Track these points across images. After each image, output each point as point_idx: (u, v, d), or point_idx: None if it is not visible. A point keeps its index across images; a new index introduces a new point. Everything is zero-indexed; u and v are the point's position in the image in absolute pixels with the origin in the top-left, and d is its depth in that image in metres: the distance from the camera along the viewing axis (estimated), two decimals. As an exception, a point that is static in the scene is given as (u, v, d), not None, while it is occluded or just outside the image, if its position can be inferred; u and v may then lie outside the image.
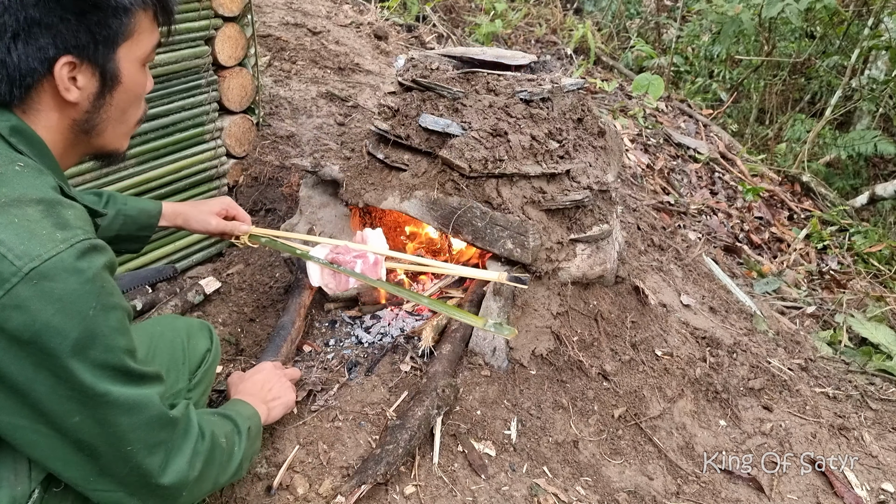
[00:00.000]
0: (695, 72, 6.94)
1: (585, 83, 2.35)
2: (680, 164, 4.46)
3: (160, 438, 0.98)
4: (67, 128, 0.99)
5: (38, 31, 0.89)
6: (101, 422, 0.90)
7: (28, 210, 0.84)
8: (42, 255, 0.81)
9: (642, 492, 1.84)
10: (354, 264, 1.65)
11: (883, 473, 2.14)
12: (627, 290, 2.34)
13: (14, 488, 0.99)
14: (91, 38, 0.93)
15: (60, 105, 0.96)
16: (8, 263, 0.79)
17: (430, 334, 2.03)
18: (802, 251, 4.08)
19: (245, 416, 1.25)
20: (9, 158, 0.88)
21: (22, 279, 0.79)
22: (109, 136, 1.05)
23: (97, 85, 0.98)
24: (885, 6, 5.39)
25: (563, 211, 2.11)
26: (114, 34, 0.95)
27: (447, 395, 1.79)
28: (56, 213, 0.86)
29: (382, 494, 1.60)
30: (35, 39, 0.89)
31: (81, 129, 1.01)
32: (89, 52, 0.94)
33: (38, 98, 0.94)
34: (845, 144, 5.60)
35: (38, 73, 0.91)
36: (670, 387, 2.17)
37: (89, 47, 0.94)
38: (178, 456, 1.01)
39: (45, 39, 0.90)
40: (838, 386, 2.51)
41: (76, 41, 0.92)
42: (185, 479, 1.02)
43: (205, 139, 2.49)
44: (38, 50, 0.90)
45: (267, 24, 4.09)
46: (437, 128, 2.04)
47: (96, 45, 0.94)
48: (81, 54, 0.93)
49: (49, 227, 0.84)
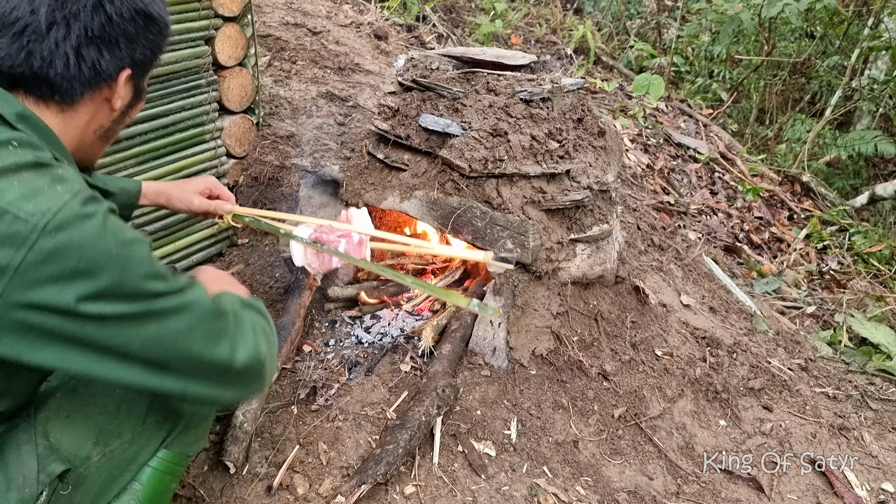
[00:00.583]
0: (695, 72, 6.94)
1: (585, 83, 2.35)
2: (680, 164, 4.46)
3: (218, 328, 1.00)
4: (92, 132, 1.07)
5: (124, 43, 1.00)
6: (158, 339, 0.93)
7: (24, 174, 0.87)
8: (52, 208, 0.84)
9: (642, 492, 1.84)
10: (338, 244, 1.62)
11: (883, 473, 2.13)
12: (627, 290, 2.34)
13: (22, 490, 1.01)
14: (150, 57, 1.06)
15: (98, 110, 1.04)
16: (22, 223, 0.82)
17: (430, 334, 2.03)
18: (802, 251, 4.08)
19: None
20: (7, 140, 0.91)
21: (41, 234, 0.82)
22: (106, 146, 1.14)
23: (131, 98, 1.08)
24: (885, 6, 5.39)
25: (563, 211, 2.11)
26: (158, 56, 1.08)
27: (447, 395, 1.79)
28: (51, 172, 0.90)
29: (382, 494, 1.60)
30: (120, 49, 1.00)
31: (102, 136, 1.10)
32: (142, 68, 1.06)
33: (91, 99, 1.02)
34: (845, 144, 5.59)
35: (110, 78, 1.01)
36: (670, 387, 2.17)
37: (144, 65, 1.05)
38: (241, 336, 1.04)
39: (126, 51, 1.01)
40: (838, 386, 2.51)
41: (143, 57, 1.04)
42: (257, 353, 1.05)
43: (205, 139, 2.49)
44: (119, 59, 1.01)
45: (267, 24, 4.09)
46: (437, 128, 2.04)
47: (147, 63, 1.06)
48: (136, 69, 1.04)
49: (49, 184, 0.87)
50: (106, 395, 1.17)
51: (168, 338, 0.94)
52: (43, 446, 1.07)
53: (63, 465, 1.07)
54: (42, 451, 1.06)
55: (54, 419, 1.11)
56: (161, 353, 0.94)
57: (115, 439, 1.17)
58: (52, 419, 1.10)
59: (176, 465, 1.31)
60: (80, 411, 1.14)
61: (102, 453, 1.15)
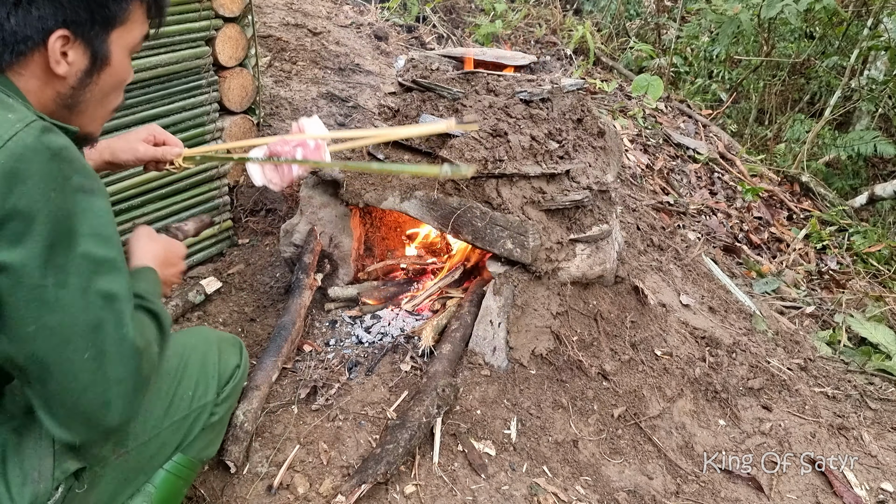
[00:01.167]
0: (694, 72, 6.94)
1: (585, 83, 2.35)
2: (679, 164, 4.47)
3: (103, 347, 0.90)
4: (50, 99, 1.00)
5: (39, 2, 0.91)
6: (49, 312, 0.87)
7: None
8: (2, 135, 0.81)
9: (642, 491, 1.84)
10: (295, 153, 1.58)
11: (882, 473, 2.14)
12: (627, 290, 2.35)
13: (37, 485, 1.00)
14: (89, 17, 0.95)
15: (47, 76, 0.97)
16: None
17: (430, 334, 2.04)
18: (802, 251, 4.08)
19: (153, 292, 1.13)
20: None
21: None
22: (88, 118, 1.07)
23: (86, 63, 0.99)
24: (885, 6, 5.40)
25: (563, 211, 2.11)
26: (111, 17, 0.98)
27: (447, 395, 1.79)
28: (4, 104, 0.88)
29: (382, 494, 1.60)
30: (36, 9, 0.91)
31: (64, 104, 1.02)
32: (85, 30, 0.96)
33: (25, 65, 0.95)
34: (845, 145, 5.60)
35: (32, 42, 0.93)
36: (670, 386, 2.17)
37: (86, 25, 0.95)
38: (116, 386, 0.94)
39: (45, 10, 0.92)
40: (837, 386, 2.52)
41: (75, 17, 0.94)
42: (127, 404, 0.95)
43: (205, 140, 2.50)
44: (38, 20, 0.91)
45: (267, 25, 4.09)
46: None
47: (93, 24, 0.96)
48: (77, 31, 0.95)
49: (1, 113, 0.84)
50: None
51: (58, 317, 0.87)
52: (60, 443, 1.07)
53: (78, 462, 1.07)
54: (59, 446, 1.06)
55: None
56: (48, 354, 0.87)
57: (132, 440, 1.18)
58: None
59: (189, 469, 1.32)
60: None
61: (119, 453, 1.16)
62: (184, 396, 1.27)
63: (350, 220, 2.32)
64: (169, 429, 1.25)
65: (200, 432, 1.31)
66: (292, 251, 2.31)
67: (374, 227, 2.52)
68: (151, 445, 1.23)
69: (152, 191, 2.35)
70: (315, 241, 2.26)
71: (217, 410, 1.34)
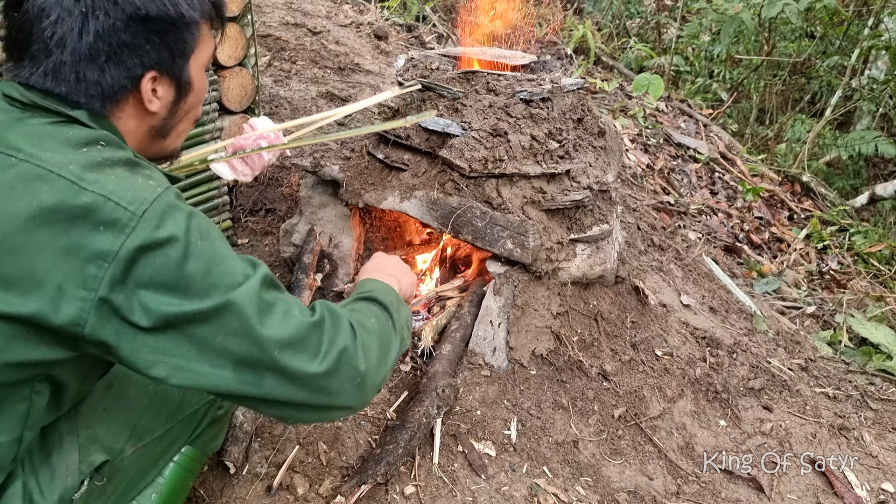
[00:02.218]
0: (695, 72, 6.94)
1: (585, 83, 2.35)
2: (680, 164, 4.46)
3: (311, 342, 0.97)
4: (145, 133, 1.06)
5: (127, 53, 0.97)
6: (242, 334, 0.92)
7: (118, 169, 0.91)
8: (148, 198, 0.88)
9: (642, 492, 1.84)
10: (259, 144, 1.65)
11: (883, 473, 2.13)
12: (627, 290, 2.34)
13: (65, 480, 1.05)
14: (170, 54, 1.01)
15: (141, 114, 1.03)
16: (123, 210, 0.86)
17: (430, 334, 2.03)
18: (802, 251, 4.08)
19: (380, 289, 1.22)
20: (93, 138, 0.94)
21: (139, 221, 0.86)
22: (174, 137, 1.13)
23: (174, 94, 1.05)
24: (885, 6, 5.39)
25: (563, 211, 2.11)
26: (189, 47, 1.04)
27: (447, 395, 1.79)
28: (140, 171, 0.94)
29: (382, 494, 1.60)
30: (125, 60, 0.97)
31: (158, 134, 1.08)
32: (169, 66, 1.02)
33: (122, 109, 1.01)
34: (846, 145, 5.59)
35: (127, 90, 0.99)
36: (670, 387, 2.17)
37: (169, 62, 1.02)
38: (330, 337, 1.00)
39: (133, 60, 0.98)
40: (838, 386, 2.51)
41: (158, 58, 1.00)
42: (359, 375, 1.01)
43: (204, 139, 2.49)
44: (127, 70, 0.98)
45: (267, 24, 4.09)
46: (437, 128, 2.04)
47: (174, 59, 1.02)
48: (162, 69, 1.01)
49: (142, 179, 0.92)
50: (139, 390, 1.21)
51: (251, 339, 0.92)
52: (84, 437, 1.10)
53: (104, 455, 1.11)
54: (83, 441, 1.10)
55: (93, 412, 1.14)
56: (245, 356, 0.93)
57: (148, 434, 1.22)
58: (91, 412, 1.14)
59: (196, 462, 1.37)
60: (115, 406, 1.18)
61: (135, 447, 1.20)
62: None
63: (350, 220, 2.32)
64: (181, 423, 1.28)
65: (209, 425, 1.35)
66: (292, 251, 2.30)
67: (374, 227, 2.51)
68: (165, 439, 1.26)
69: (152, 190, 2.35)
70: (315, 241, 2.26)
71: (224, 403, 1.36)
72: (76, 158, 0.89)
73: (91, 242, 0.85)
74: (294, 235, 2.30)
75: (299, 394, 0.96)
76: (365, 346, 1.03)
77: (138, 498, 1.26)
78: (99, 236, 0.85)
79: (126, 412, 1.18)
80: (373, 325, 1.09)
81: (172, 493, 1.31)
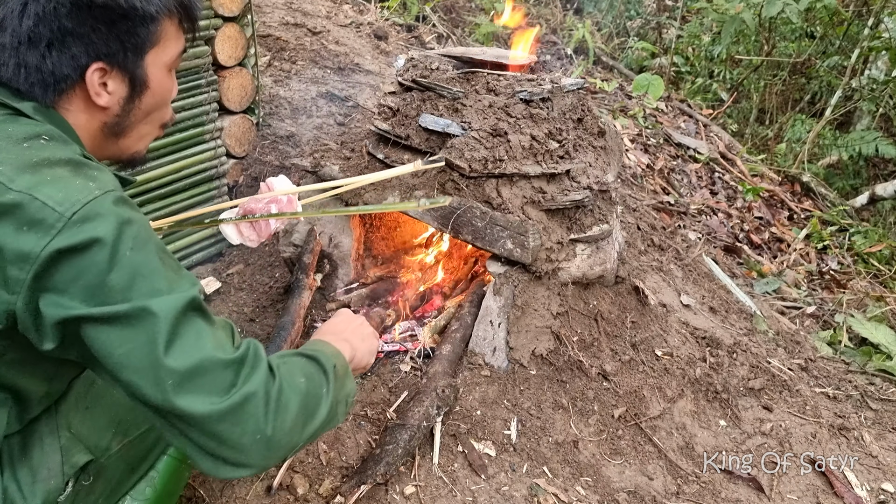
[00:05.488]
0: (695, 72, 6.94)
1: (585, 83, 2.35)
2: (680, 164, 4.46)
3: (215, 380, 0.87)
4: (97, 129, 1.02)
5: (70, 41, 0.93)
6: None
7: (58, 169, 0.87)
8: (81, 200, 0.83)
9: (642, 492, 1.84)
10: (269, 209, 1.61)
11: (883, 473, 2.13)
12: (627, 290, 2.34)
13: (48, 482, 1.03)
14: (120, 46, 0.96)
15: (91, 108, 0.99)
16: (50, 210, 0.82)
17: (430, 334, 2.03)
18: (802, 251, 4.08)
19: (327, 353, 1.10)
20: (35, 133, 0.91)
21: (66, 223, 0.82)
22: (135, 138, 1.09)
23: (126, 90, 1.01)
24: (885, 6, 5.39)
25: (563, 211, 2.11)
26: (142, 42, 0.99)
27: (447, 395, 1.79)
28: (84, 171, 0.89)
29: (382, 494, 1.60)
30: (68, 48, 0.93)
31: (111, 132, 1.04)
32: (119, 59, 0.97)
33: (68, 100, 0.98)
34: (846, 145, 5.59)
35: (71, 79, 0.95)
36: (670, 387, 2.17)
37: (119, 55, 0.97)
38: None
39: (77, 48, 0.94)
40: (838, 386, 2.51)
41: (107, 49, 0.95)
42: (261, 431, 0.89)
43: (205, 139, 2.49)
44: (71, 58, 0.94)
45: (267, 24, 4.09)
46: (437, 128, 2.04)
47: (125, 52, 0.97)
48: (112, 61, 0.97)
49: (82, 180, 0.87)
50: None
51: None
52: (66, 438, 1.08)
53: (87, 455, 1.10)
54: (65, 442, 1.08)
55: (75, 411, 1.12)
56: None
57: (134, 429, 1.20)
58: (73, 410, 1.12)
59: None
60: (98, 402, 1.16)
61: (122, 443, 1.18)
62: None
63: (350, 220, 2.32)
64: None
65: None
66: (292, 251, 2.30)
67: (374, 226, 2.51)
68: (153, 433, 1.24)
69: (152, 190, 2.35)
70: (314, 241, 2.26)
71: None
72: (10, 157, 0.86)
73: (13, 243, 0.81)
74: (294, 235, 2.30)
75: (191, 433, 0.86)
76: (280, 403, 0.91)
77: (132, 493, 1.24)
78: (22, 237, 0.81)
79: (109, 409, 1.16)
80: (300, 384, 0.96)
81: (167, 486, 1.29)
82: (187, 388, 0.84)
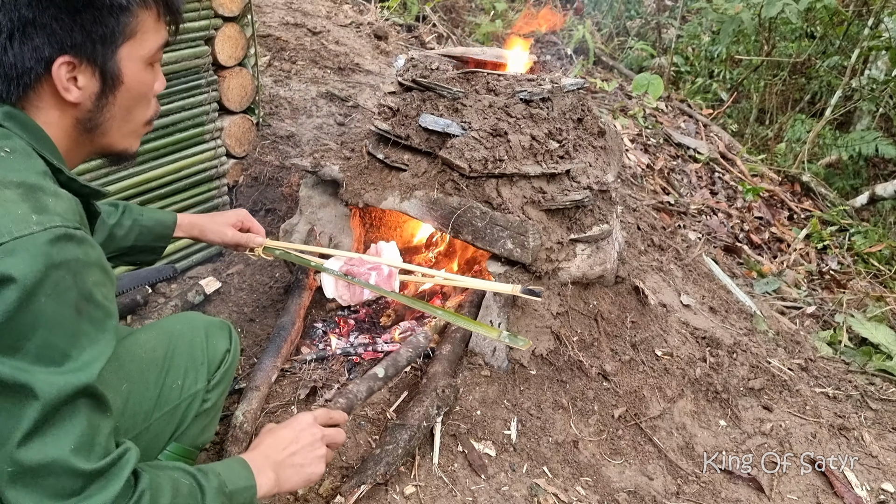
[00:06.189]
0: (695, 72, 6.94)
1: (585, 83, 2.35)
2: (680, 164, 4.46)
3: (58, 485, 0.80)
4: (70, 126, 0.98)
5: (32, 31, 0.88)
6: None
7: (6, 192, 0.81)
8: (13, 231, 0.77)
9: (642, 492, 1.83)
10: (369, 276, 1.65)
11: (883, 473, 2.13)
12: (627, 290, 2.34)
13: None
14: (87, 38, 0.91)
15: (61, 104, 0.94)
16: None
17: (430, 334, 2.03)
18: (802, 251, 4.08)
19: (231, 482, 1.02)
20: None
21: None
22: (115, 136, 1.04)
23: (98, 85, 0.96)
24: (885, 6, 5.39)
25: (563, 211, 2.11)
26: (111, 33, 0.93)
27: (447, 396, 1.79)
28: (35, 197, 0.83)
29: (382, 494, 1.60)
30: (30, 39, 0.88)
31: (85, 128, 0.99)
32: (87, 51, 0.92)
33: (37, 96, 0.93)
34: (846, 145, 5.59)
35: (36, 73, 0.90)
36: (670, 387, 2.16)
37: (86, 47, 0.92)
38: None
39: (39, 39, 0.88)
40: (838, 386, 2.51)
41: (72, 41, 0.90)
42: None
43: (205, 139, 2.49)
44: (34, 50, 0.89)
45: (267, 24, 4.09)
46: (437, 128, 2.04)
47: (94, 44, 0.92)
48: (79, 54, 0.92)
49: (25, 210, 0.80)
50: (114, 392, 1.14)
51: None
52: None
53: None
54: None
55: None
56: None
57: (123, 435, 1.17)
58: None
59: (185, 457, 1.31)
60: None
61: None
62: (173, 386, 1.25)
63: (350, 220, 2.32)
64: (160, 420, 1.23)
65: (194, 420, 1.29)
66: (292, 251, 2.30)
67: (374, 227, 2.51)
68: (143, 438, 1.21)
69: (151, 190, 2.35)
70: (315, 241, 2.26)
71: (209, 397, 1.31)
72: None
73: None
74: (294, 235, 2.30)
75: None
76: None
77: None
78: None
79: None
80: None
81: None
82: (25, 482, 0.78)
